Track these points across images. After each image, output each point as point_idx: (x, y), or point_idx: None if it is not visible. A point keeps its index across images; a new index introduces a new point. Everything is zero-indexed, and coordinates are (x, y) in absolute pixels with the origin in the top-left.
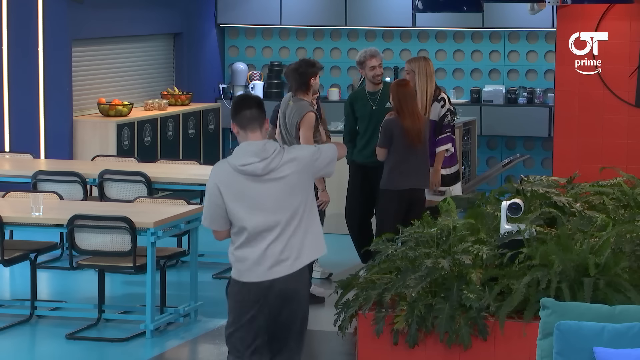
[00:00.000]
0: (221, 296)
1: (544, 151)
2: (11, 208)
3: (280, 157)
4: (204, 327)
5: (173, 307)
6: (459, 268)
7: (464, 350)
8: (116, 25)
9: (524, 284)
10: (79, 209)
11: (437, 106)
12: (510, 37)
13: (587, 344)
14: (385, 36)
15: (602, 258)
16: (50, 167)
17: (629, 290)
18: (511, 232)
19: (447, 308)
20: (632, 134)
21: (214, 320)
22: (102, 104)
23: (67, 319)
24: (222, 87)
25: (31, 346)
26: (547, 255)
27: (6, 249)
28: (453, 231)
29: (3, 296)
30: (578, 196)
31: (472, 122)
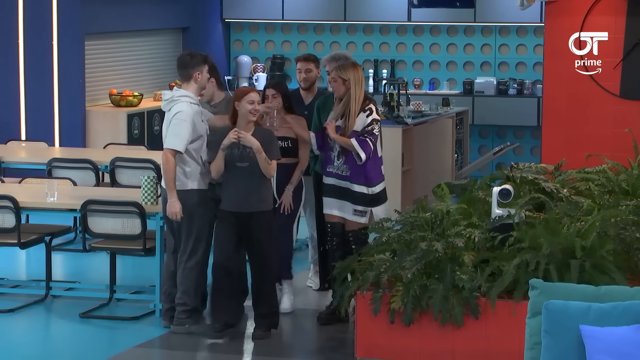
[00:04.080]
0: None
1: (533, 140)
2: (27, 193)
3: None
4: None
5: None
6: (452, 250)
7: (457, 329)
8: (126, 20)
9: (514, 266)
10: (91, 195)
11: (363, 116)
12: (501, 32)
13: (574, 322)
14: (382, 30)
15: (588, 241)
16: (64, 155)
17: (613, 271)
18: (502, 217)
19: (441, 288)
20: (616, 123)
21: None
22: (113, 95)
23: (80, 298)
24: (227, 79)
25: (46, 324)
26: (536, 239)
27: (22, 232)
28: (447, 215)
29: (19, 277)
30: (565, 182)
31: (465, 112)
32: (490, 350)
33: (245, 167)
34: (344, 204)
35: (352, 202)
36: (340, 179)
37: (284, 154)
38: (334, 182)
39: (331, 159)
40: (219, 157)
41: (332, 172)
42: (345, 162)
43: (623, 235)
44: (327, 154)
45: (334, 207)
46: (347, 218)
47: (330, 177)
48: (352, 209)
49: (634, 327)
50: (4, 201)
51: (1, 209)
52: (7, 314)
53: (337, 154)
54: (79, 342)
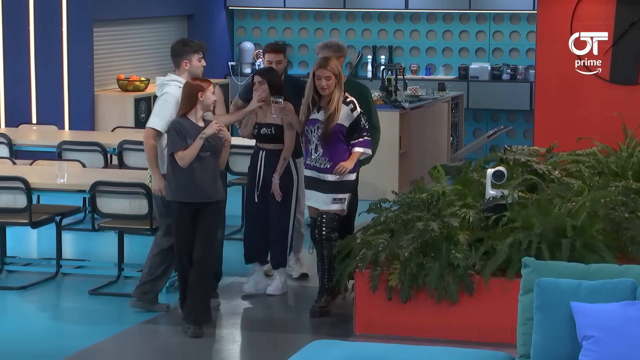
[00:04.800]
0: (229, 255)
1: (525, 123)
2: (38, 175)
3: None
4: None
5: None
6: (447, 230)
7: (452, 305)
8: (134, 7)
9: (507, 245)
10: (100, 176)
11: (347, 109)
12: (495, 19)
13: (565, 299)
14: (381, 18)
15: (578, 221)
16: (74, 138)
17: (603, 250)
18: (495, 197)
19: (437, 267)
20: (606, 107)
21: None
22: (121, 80)
23: (89, 276)
24: (231, 65)
25: (57, 301)
26: (528, 218)
27: (34, 212)
28: (442, 196)
29: (31, 255)
30: (557, 164)
31: (460, 96)
32: (484, 326)
33: (207, 157)
34: (323, 196)
35: (331, 192)
36: (319, 172)
37: (269, 140)
38: (313, 175)
39: (309, 152)
40: (197, 146)
41: (310, 165)
42: (325, 155)
43: (612, 215)
44: (306, 147)
45: (313, 199)
46: (328, 209)
47: (309, 169)
48: (332, 199)
49: (623, 303)
50: (15, 182)
51: (13, 189)
52: (19, 291)
53: (315, 146)
54: (88, 318)
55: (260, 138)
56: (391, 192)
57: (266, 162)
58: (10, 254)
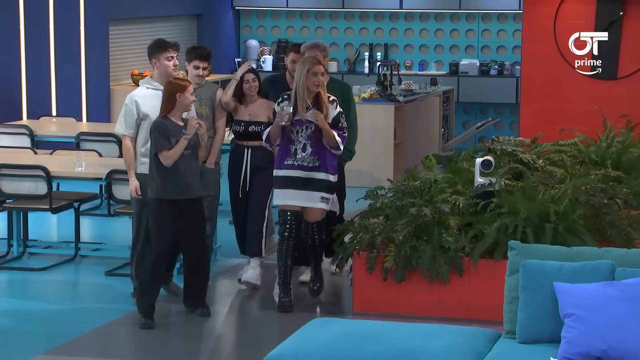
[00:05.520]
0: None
1: (511, 115)
2: (58, 164)
3: None
4: (222, 265)
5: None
6: (439, 215)
7: (443, 285)
8: (146, 7)
9: (495, 229)
10: (115, 165)
11: (332, 107)
12: (483, 18)
13: (548, 279)
14: (377, 17)
15: (561, 207)
16: (91, 129)
17: (584, 234)
18: (484, 185)
19: (429, 249)
20: (587, 100)
21: (230, 260)
22: (134, 75)
23: (105, 258)
24: (237, 61)
25: (75, 281)
26: (514, 204)
27: (54, 198)
28: (434, 184)
29: (51, 239)
30: (541, 154)
31: (451, 90)
32: (473, 305)
33: (190, 155)
34: (311, 194)
35: (319, 190)
36: (307, 170)
37: (256, 137)
38: (299, 174)
39: (291, 152)
40: (182, 146)
41: (294, 165)
42: (314, 154)
43: (592, 201)
44: (286, 147)
45: (297, 198)
46: (314, 206)
47: (291, 169)
48: (320, 197)
49: (602, 283)
50: (37, 170)
51: (35, 177)
52: (40, 272)
53: (303, 146)
54: (104, 296)
55: (247, 135)
56: (387, 179)
57: (252, 159)
58: (32, 238)
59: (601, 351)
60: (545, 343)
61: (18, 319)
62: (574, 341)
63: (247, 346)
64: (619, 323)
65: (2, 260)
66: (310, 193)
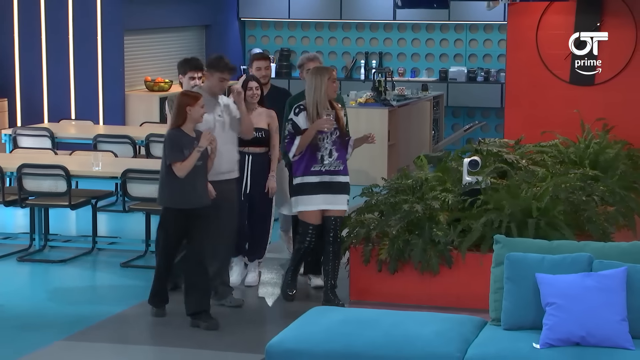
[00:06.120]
0: None
1: (497, 119)
2: (77, 163)
3: None
4: None
5: None
6: (430, 211)
7: (434, 276)
8: (159, 18)
9: (481, 224)
10: (130, 164)
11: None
12: (470, 28)
13: (531, 271)
14: (372, 27)
15: (542, 203)
16: (107, 131)
17: (564, 228)
18: (471, 183)
19: (421, 243)
20: (566, 105)
21: None
22: (147, 82)
23: (121, 251)
24: (243, 68)
25: (92, 272)
26: (499, 201)
27: (73, 196)
28: (425, 182)
29: (70, 233)
30: (524, 154)
31: (441, 96)
32: (461, 294)
33: (200, 166)
34: (337, 197)
35: (343, 192)
36: (333, 175)
37: (257, 144)
38: (327, 179)
39: (317, 159)
40: (194, 158)
41: (322, 170)
42: (339, 158)
43: (572, 198)
44: (311, 154)
45: (325, 202)
46: (341, 208)
47: (319, 175)
48: (345, 199)
49: (581, 274)
50: (57, 170)
51: (55, 176)
52: (60, 264)
53: (329, 152)
54: (120, 286)
55: (249, 142)
56: (381, 178)
57: (253, 165)
58: (52, 232)
59: (580, 337)
60: (528, 330)
61: (40, 308)
62: (555, 328)
63: (251, 333)
64: (596, 311)
65: (25, 253)
66: (336, 196)
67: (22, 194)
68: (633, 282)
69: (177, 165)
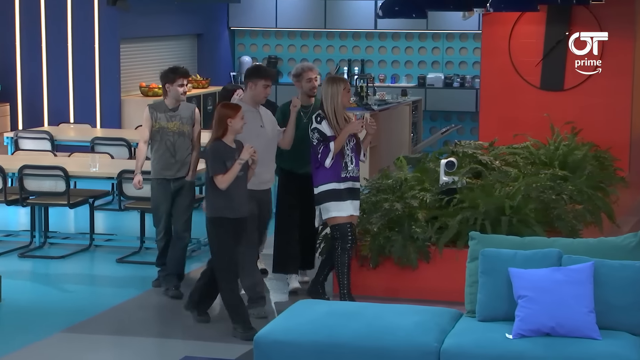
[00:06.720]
0: None
1: (472, 122)
2: (75, 164)
3: None
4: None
5: (196, 239)
6: (409, 209)
7: (413, 270)
8: (153, 27)
9: (457, 221)
10: (125, 166)
11: None
12: (447, 37)
13: (504, 265)
14: (354, 36)
15: (515, 202)
16: (104, 134)
17: (535, 225)
18: (448, 183)
19: (400, 239)
20: (537, 109)
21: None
22: (142, 87)
23: (117, 247)
24: (232, 75)
25: (90, 267)
26: (474, 200)
27: (71, 195)
28: (405, 182)
29: (69, 230)
30: (497, 156)
31: (419, 100)
32: (439, 287)
33: (242, 176)
34: (357, 202)
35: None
36: (355, 181)
37: None
38: (351, 185)
39: (342, 165)
40: (236, 170)
41: (347, 177)
42: (356, 165)
43: (542, 197)
44: (339, 161)
45: (353, 207)
46: (357, 214)
47: (346, 181)
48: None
49: (550, 269)
50: (56, 171)
51: (54, 177)
52: (59, 260)
53: (351, 159)
54: (116, 281)
55: None
56: (363, 178)
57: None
58: (52, 230)
59: (550, 328)
60: (501, 321)
61: (40, 301)
62: (527, 319)
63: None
64: (565, 303)
65: (26, 250)
66: (357, 202)
67: (23, 193)
68: (600, 276)
69: (219, 178)
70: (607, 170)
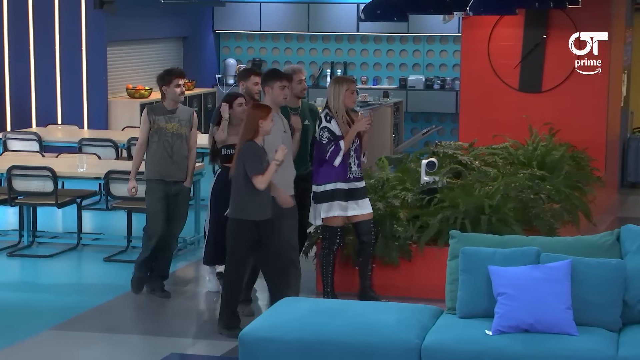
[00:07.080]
0: None
1: (452, 123)
2: (63, 165)
3: None
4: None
5: (182, 238)
6: (391, 208)
7: (395, 268)
8: (140, 30)
9: (438, 220)
10: (112, 166)
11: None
12: (428, 40)
13: (484, 263)
14: (337, 39)
15: (494, 201)
16: (91, 135)
17: (514, 224)
18: (429, 183)
19: (382, 237)
20: (516, 110)
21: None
22: (129, 89)
23: (104, 246)
24: (217, 77)
25: (78, 266)
26: (455, 199)
27: (59, 195)
28: (387, 182)
29: (57, 230)
30: (477, 156)
31: (400, 102)
32: (420, 285)
33: None
34: (365, 202)
35: (367, 196)
36: (359, 181)
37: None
38: (353, 186)
39: (348, 166)
40: (272, 170)
41: (350, 177)
42: (359, 165)
43: (521, 197)
44: (345, 162)
45: (361, 207)
46: (371, 211)
47: (350, 182)
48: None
49: (529, 267)
50: (44, 171)
51: (42, 177)
52: (47, 258)
53: (354, 159)
54: (103, 279)
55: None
56: None
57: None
58: (40, 229)
59: (528, 324)
60: (481, 318)
61: (29, 299)
62: (506, 316)
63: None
64: (543, 300)
65: (14, 249)
66: (364, 201)
67: (11, 193)
68: (577, 273)
69: (259, 178)
70: (583, 170)
